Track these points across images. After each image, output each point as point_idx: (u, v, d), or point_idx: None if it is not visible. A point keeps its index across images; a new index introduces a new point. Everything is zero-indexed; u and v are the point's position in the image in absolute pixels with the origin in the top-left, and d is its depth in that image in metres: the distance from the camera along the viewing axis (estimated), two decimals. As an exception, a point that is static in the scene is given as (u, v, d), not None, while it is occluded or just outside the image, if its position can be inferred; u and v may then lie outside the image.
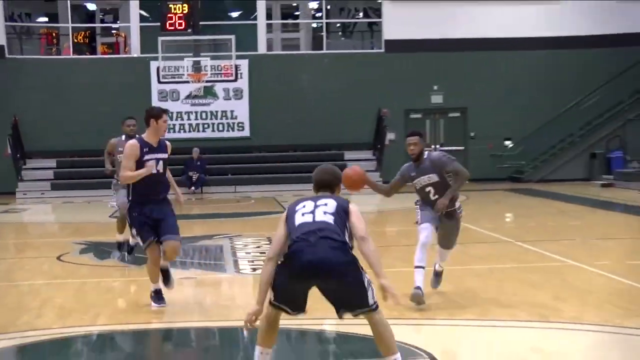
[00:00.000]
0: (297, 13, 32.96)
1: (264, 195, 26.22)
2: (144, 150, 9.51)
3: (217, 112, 29.28)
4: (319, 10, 32.46)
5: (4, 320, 9.74)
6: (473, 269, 13.58)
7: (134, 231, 11.06)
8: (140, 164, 9.55)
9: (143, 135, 9.73)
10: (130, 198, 9.73)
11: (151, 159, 9.53)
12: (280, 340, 6.99)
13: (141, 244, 9.92)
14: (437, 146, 31.70)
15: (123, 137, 11.99)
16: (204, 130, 28.99)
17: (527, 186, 29.15)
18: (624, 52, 30.42)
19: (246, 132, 29.41)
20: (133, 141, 9.63)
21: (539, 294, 10.95)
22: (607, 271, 12.06)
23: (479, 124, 31.40)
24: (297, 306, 6.44)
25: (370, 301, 6.42)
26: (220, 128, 29.22)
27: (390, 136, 30.55)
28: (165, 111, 9.81)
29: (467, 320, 9.59)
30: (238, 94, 29.58)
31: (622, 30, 31.06)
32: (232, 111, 29.57)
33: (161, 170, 9.75)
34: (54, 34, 31.89)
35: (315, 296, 6.21)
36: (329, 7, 32.45)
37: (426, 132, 31.45)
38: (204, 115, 28.90)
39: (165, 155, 9.82)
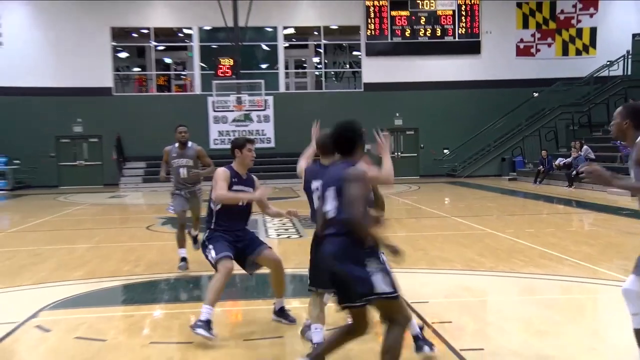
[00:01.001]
0: (305, 65, 32.82)
1: (284, 185, 26.15)
2: (233, 180, 6.92)
3: (252, 131, 29.35)
4: (319, 63, 32.41)
5: (114, 268, 9.96)
6: (423, 235, 13.60)
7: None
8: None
9: (232, 165, 7.06)
10: (212, 226, 6.85)
11: (239, 191, 6.93)
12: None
13: (213, 255, 6.58)
14: (398, 154, 31.77)
15: (176, 144, 9.82)
16: (243, 143, 28.96)
17: (459, 180, 29.07)
18: (521, 91, 30.38)
19: (272, 144, 29.51)
20: (223, 168, 6.95)
21: (468, 251, 10.99)
22: (512, 236, 12.07)
23: (426, 138, 31.44)
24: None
25: None
26: (258, 141, 29.21)
27: (367, 147, 30.48)
28: (251, 141, 7.22)
29: (420, 269, 9.60)
30: (266, 118, 29.68)
31: (520, 77, 31.14)
32: (262, 130, 29.70)
33: (244, 204, 6.99)
34: (143, 79, 31.91)
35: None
36: (326, 61, 32.43)
37: (391, 144, 31.50)
38: (243, 133, 28.81)
39: (251, 190, 7.08)
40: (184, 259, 9.50)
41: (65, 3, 29.95)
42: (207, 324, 6.05)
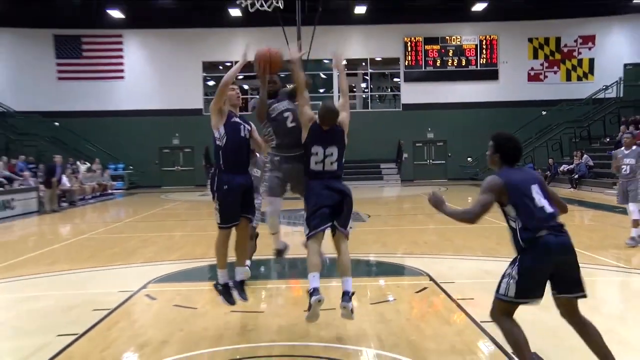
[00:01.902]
0: (354, 89, 32.81)
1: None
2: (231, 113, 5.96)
3: (312, 142, 29.42)
4: (366, 88, 32.41)
5: (203, 251, 10.09)
6: (450, 227, 13.49)
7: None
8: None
9: None
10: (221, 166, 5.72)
11: (235, 122, 5.94)
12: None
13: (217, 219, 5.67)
14: (430, 161, 31.63)
15: None
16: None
17: (479, 183, 28.79)
18: (532, 110, 29.88)
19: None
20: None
21: (487, 241, 10.91)
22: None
23: (453, 148, 31.12)
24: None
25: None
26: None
27: (404, 155, 30.44)
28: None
29: (448, 255, 9.58)
30: (323, 132, 29.74)
31: (531, 98, 30.68)
32: (320, 142, 29.79)
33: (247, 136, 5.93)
34: (225, 101, 32.31)
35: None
36: (371, 86, 32.42)
37: (424, 154, 31.46)
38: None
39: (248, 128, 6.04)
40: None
41: (169, 44, 30.69)
42: (226, 288, 5.68)
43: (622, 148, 10.45)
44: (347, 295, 5.23)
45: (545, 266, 4.10)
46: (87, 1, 25.25)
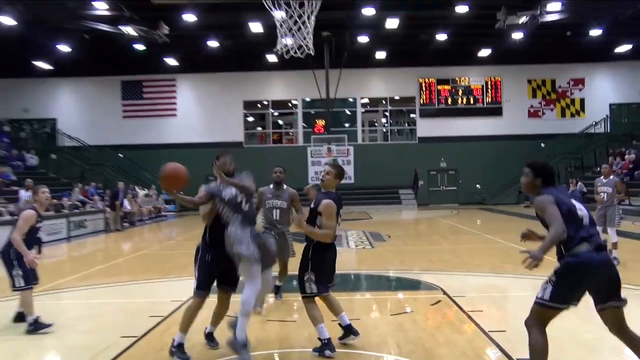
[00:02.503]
0: (376, 124, 32.88)
1: (360, 210, 26.15)
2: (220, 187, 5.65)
3: (338, 170, 29.42)
4: (386, 122, 32.42)
5: None
6: (461, 247, 13.39)
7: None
8: None
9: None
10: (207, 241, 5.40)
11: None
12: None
13: (194, 284, 5.28)
14: (443, 187, 31.43)
15: (271, 185, 7.40)
16: (332, 179, 28.96)
17: (487, 207, 28.49)
18: (532, 142, 29.62)
19: (352, 181, 29.44)
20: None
21: (494, 259, 10.77)
22: (526, 248, 11.75)
23: (463, 176, 30.92)
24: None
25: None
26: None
27: (420, 182, 30.29)
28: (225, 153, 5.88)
29: (459, 271, 9.48)
30: (348, 162, 29.56)
31: (531, 132, 30.56)
32: (345, 171, 29.76)
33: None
34: (263, 135, 32.53)
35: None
36: (391, 121, 32.44)
37: (437, 181, 31.30)
38: (332, 172, 28.98)
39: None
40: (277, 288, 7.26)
41: (214, 85, 31.19)
42: (179, 348, 5.04)
43: (601, 177, 10.29)
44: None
45: (584, 278, 3.82)
46: (147, 52, 25.79)
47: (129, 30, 21.12)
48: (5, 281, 6.57)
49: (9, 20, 20.13)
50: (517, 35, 24.35)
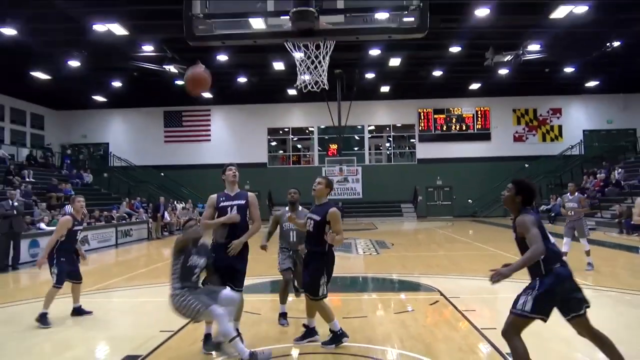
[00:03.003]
0: (380, 147, 32.76)
1: (367, 221, 25.95)
2: (221, 199, 5.21)
3: (348, 187, 29.26)
4: (390, 146, 32.31)
5: (263, 270, 9.81)
6: (457, 254, 13.21)
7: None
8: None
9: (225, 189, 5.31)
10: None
11: (227, 205, 5.12)
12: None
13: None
14: (439, 202, 31.14)
15: (286, 207, 6.34)
16: (342, 195, 28.81)
17: (479, 219, 28.18)
18: (517, 163, 29.41)
19: (360, 196, 29.33)
20: (213, 195, 5.33)
21: (486, 265, 10.50)
22: (514, 255, 11.53)
23: (457, 192, 30.61)
24: None
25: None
26: (349, 195, 29.17)
27: (419, 197, 30.07)
28: (230, 165, 5.40)
29: (454, 275, 9.34)
30: (357, 180, 29.49)
31: (516, 154, 30.24)
32: (354, 187, 29.50)
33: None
34: (284, 157, 32.56)
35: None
36: (394, 145, 32.34)
37: (434, 196, 31.02)
38: (343, 189, 28.87)
39: (242, 203, 5.20)
40: (284, 315, 6.13)
41: (243, 115, 31.37)
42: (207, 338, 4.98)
43: (568, 194, 10.15)
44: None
45: (559, 291, 3.72)
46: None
47: (171, 68, 21.35)
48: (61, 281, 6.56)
49: (75, 63, 20.60)
50: (503, 71, 24.27)
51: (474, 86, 28.77)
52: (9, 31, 17.01)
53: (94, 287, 9.27)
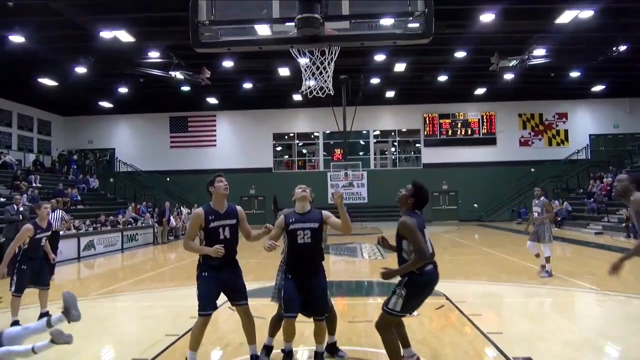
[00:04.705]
0: (386, 152, 32.75)
1: (373, 225, 25.94)
2: (210, 217, 4.53)
3: (354, 192, 29.17)
4: (395, 151, 32.29)
5: (270, 275, 9.86)
6: (461, 258, 13.19)
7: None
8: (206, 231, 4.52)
9: (210, 203, 4.68)
10: (201, 260, 4.57)
11: (219, 226, 4.52)
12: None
13: (198, 304, 4.52)
14: (445, 206, 31.06)
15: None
16: (348, 200, 28.71)
17: (484, 224, 28.07)
18: (523, 168, 29.37)
19: (366, 201, 29.26)
20: (198, 210, 4.66)
21: (490, 269, 10.58)
22: (519, 260, 11.51)
23: (463, 197, 30.55)
24: None
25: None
26: (355, 199, 29.08)
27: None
28: (219, 175, 4.80)
29: (460, 280, 9.32)
30: (362, 185, 29.38)
31: (522, 159, 30.11)
32: (360, 192, 29.37)
33: (228, 236, 4.55)
34: (289, 162, 32.57)
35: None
36: (399, 149, 32.33)
37: (440, 201, 30.98)
38: (349, 194, 28.79)
39: (233, 222, 4.62)
40: (269, 350, 5.02)
41: (248, 120, 31.45)
42: None
43: (535, 199, 10.13)
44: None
45: (428, 292, 4.06)
46: (192, 92, 26.19)
47: (177, 74, 21.47)
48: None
49: (82, 69, 20.76)
50: (509, 76, 24.26)
51: (480, 91, 28.75)
52: (17, 38, 17.19)
53: (100, 291, 9.32)
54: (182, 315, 6.81)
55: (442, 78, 25.70)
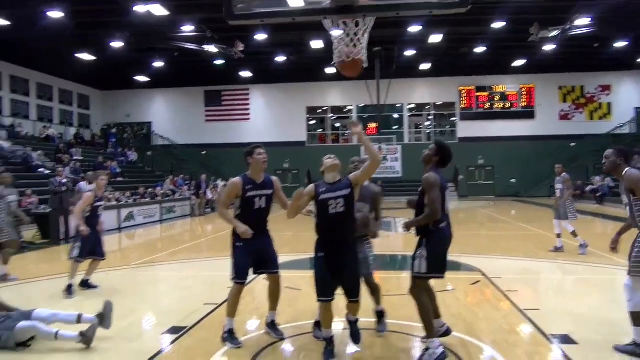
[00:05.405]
0: (420, 126, 32.29)
1: (406, 198, 25.73)
2: (247, 187, 4.60)
3: (387, 166, 28.87)
4: (430, 124, 31.80)
5: (305, 248, 9.97)
6: (498, 234, 13.03)
7: None
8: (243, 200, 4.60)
9: (247, 173, 4.72)
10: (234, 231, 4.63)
11: (255, 195, 4.61)
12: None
13: (231, 272, 4.65)
14: (481, 181, 30.58)
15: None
16: (381, 174, 28.45)
17: (521, 199, 27.53)
18: (563, 142, 28.49)
19: (400, 175, 29.05)
20: (236, 178, 4.71)
21: (527, 245, 10.41)
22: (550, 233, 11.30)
23: (500, 172, 29.98)
24: None
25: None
26: (390, 173, 28.88)
27: (460, 177, 29.55)
28: (258, 146, 4.80)
29: (496, 256, 9.20)
30: (396, 159, 29.18)
31: (562, 133, 29.21)
32: (394, 166, 29.14)
33: (263, 206, 4.66)
34: (323, 136, 32.46)
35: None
36: (435, 123, 31.80)
37: (475, 176, 30.50)
38: (382, 168, 28.51)
39: (269, 193, 4.71)
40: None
41: (282, 94, 31.42)
42: (230, 333, 4.61)
43: (556, 176, 9.98)
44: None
45: (447, 246, 4.15)
46: (226, 66, 26.27)
47: (210, 48, 21.53)
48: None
49: (118, 44, 21.02)
50: (549, 47, 23.36)
51: (518, 63, 27.85)
52: (56, 14, 17.52)
53: (139, 261, 9.62)
54: (219, 285, 6.95)
55: (479, 50, 24.97)
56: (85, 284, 6.97)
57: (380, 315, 4.86)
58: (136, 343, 4.77)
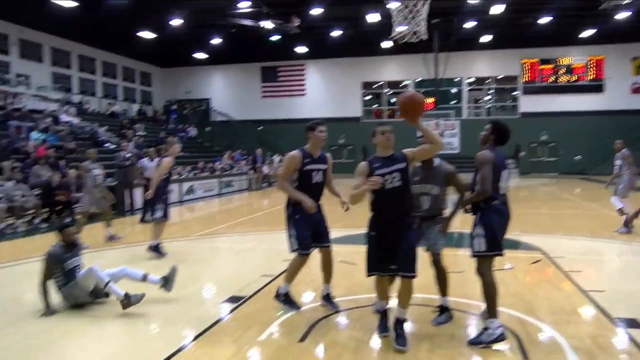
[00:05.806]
0: (479, 100, 31.26)
1: (466, 176, 25.22)
2: (306, 160, 4.68)
3: (445, 142, 28.20)
4: (490, 99, 30.71)
5: (359, 223, 9.96)
6: (561, 212, 12.52)
7: None
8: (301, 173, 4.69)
9: (305, 147, 4.78)
10: (292, 202, 4.69)
11: (313, 169, 4.73)
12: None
13: (294, 244, 4.69)
14: (543, 158, 29.41)
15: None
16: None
17: (587, 177, 26.29)
18: (635, 118, 26.86)
19: (458, 151, 28.40)
20: (295, 152, 4.74)
21: (591, 224, 9.98)
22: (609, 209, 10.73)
23: (564, 148, 28.65)
24: None
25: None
26: (447, 149, 28.21)
27: (522, 153, 28.50)
28: (321, 124, 4.84)
29: (558, 235, 8.87)
30: (454, 135, 28.60)
31: (633, 108, 27.47)
32: (451, 142, 28.44)
33: (319, 180, 4.75)
34: (379, 111, 32.07)
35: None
36: (496, 97, 30.69)
37: (538, 152, 29.36)
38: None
39: (325, 167, 4.81)
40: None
41: (337, 69, 31.20)
42: (287, 296, 4.81)
43: (616, 152, 9.60)
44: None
45: (504, 222, 4.06)
46: (282, 41, 26.34)
47: (266, 24, 21.63)
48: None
49: (178, 22, 21.46)
50: (622, 15, 21.87)
51: (586, 33, 26.26)
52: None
53: (200, 232, 9.96)
54: (275, 258, 7.11)
55: (544, 20, 23.72)
56: (156, 249, 7.49)
57: (443, 310, 4.54)
58: (198, 310, 4.96)
